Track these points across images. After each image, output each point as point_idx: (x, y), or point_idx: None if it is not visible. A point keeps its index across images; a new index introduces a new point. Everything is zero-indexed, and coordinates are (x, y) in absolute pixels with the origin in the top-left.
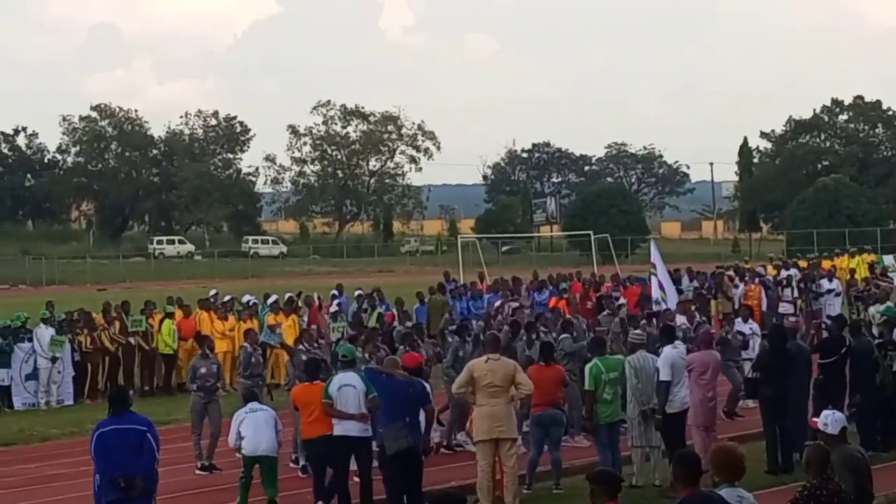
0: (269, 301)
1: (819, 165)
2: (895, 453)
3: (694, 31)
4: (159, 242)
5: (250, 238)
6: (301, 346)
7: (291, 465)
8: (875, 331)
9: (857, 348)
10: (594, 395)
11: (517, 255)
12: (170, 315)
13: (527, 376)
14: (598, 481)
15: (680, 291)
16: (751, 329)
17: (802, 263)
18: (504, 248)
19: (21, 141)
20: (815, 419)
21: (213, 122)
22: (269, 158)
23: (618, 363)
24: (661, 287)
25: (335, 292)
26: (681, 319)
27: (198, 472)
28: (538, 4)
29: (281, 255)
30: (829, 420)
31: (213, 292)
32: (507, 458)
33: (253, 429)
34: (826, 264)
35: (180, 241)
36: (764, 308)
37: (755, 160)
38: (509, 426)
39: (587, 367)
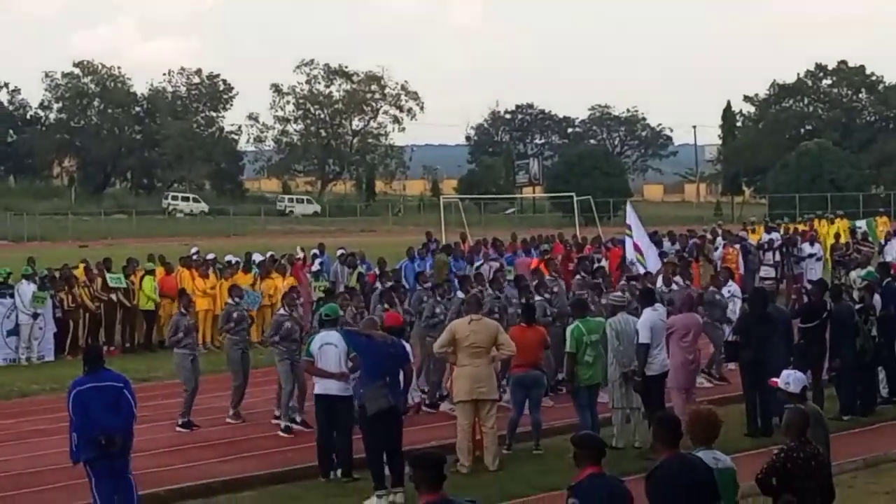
0: (258, 260)
1: (802, 130)
2: (874, 418)
3: None
4: (174, 199)
5: (286, 197)
6: (282, 310)
7: (273, 421)
8: (856, 295)
9: (837, 313)
10: (575, 358)
11: (521, 215)
12: (151, 272)
13: (508, 337)
14: (582, 446)
15: (663, 254)
16: (730, 291)
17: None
18: (509, 210)
19: (3, 97)
20: (775, 380)
21: (197, 80)
22: (252, 117)
23: (599, 325)
24: (636, 249)
25: (316, 252)
26: (659, 282)
27: (178, 428)
28: None
29: (315, 214)
30: (791, 379)
31: (194, 250)
32: (486, 419)
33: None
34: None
35: (195, 200)
36: (741, 271)
37: (738, 124)
38: (490, 387)
39: (568, 329)
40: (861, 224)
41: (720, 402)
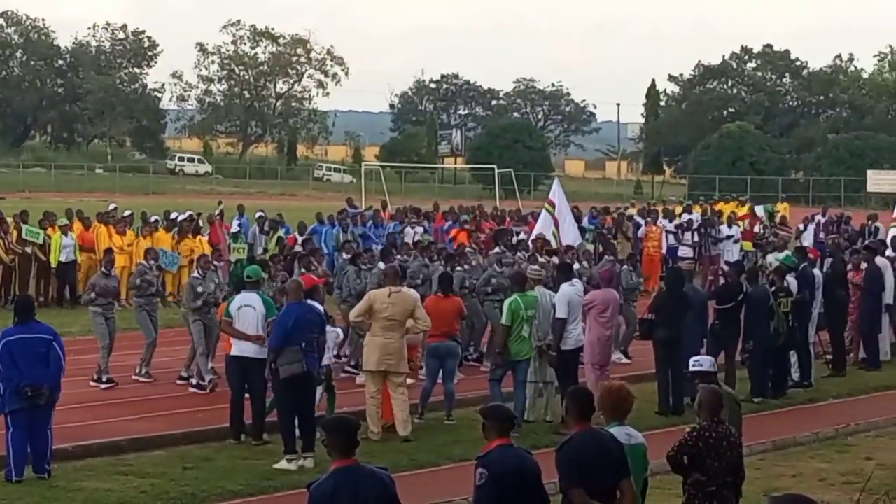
0: (180, 218)
1: (725, 112)
2: (785, 400)
3: None
4: (180, 159)
5: (324, 165)
6: (196, 273)
7: (178, 382)
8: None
9: (753, 295)
10: (509, 331)
11: (441, 185)
12: (62, 227)
13: (424, 312)
14: (490, 417)
15: (582, 230)
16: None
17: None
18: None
19: None
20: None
21: (122, 35)
22: (176, 75)
23: (535, 301)
24: (556, 225)
25: (217, 215)
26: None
27: (101, 386)
28: None
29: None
30: (702, 360)
31: (112, 206)
32: (395, 390)
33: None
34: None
35: (199, 161)
36: (664, 250)
37: (662, 103)
38: (398, 360)
39: (506, 302)
40: (760, 209)
41: (633, 380)
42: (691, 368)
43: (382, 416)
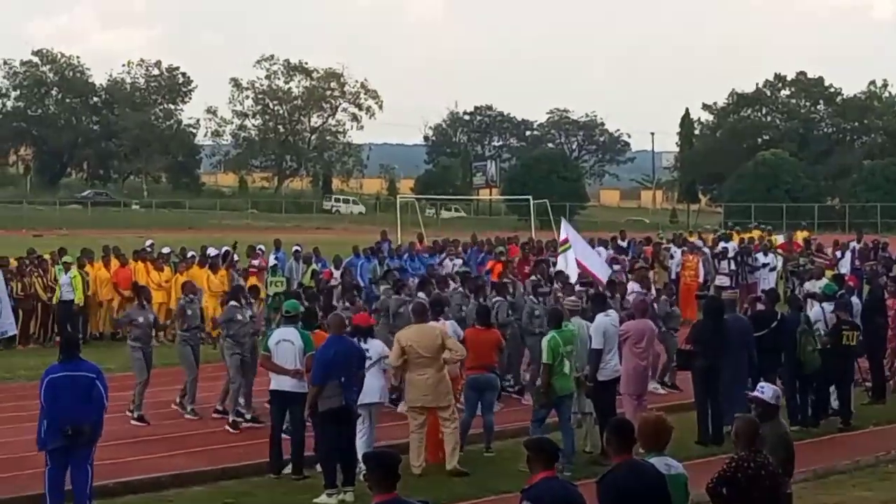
0: (213, 254)
1: (760, 139)
2: (824, 429)
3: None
4: (336, 200)
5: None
6: (233, 303)
7: (214, 415)
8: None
9: (782, 323)
10: (551, 369)
11: (477, 217)
12: (64, 265)
13: (456, 341)
14: (535, 450)
15: (620, 250)
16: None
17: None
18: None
19: None
20: (750, 392)
21: (156, 72)
22: (211, 111)
23: (573, 336)
24: (580, 267)
25: (262, 247)
26: (633, 286)
27: (133, 422)
28: None
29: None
30: (766, 388)
31: (149, 243)
32: (444, 423)
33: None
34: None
35: (354, 202)
36: (701, 279)
37: (696, 132)
38: (436, 395)
39: (545, 340)
40: (780, 237)
41: (672, 410)
42: (754, 393)
43: (427, 454)
